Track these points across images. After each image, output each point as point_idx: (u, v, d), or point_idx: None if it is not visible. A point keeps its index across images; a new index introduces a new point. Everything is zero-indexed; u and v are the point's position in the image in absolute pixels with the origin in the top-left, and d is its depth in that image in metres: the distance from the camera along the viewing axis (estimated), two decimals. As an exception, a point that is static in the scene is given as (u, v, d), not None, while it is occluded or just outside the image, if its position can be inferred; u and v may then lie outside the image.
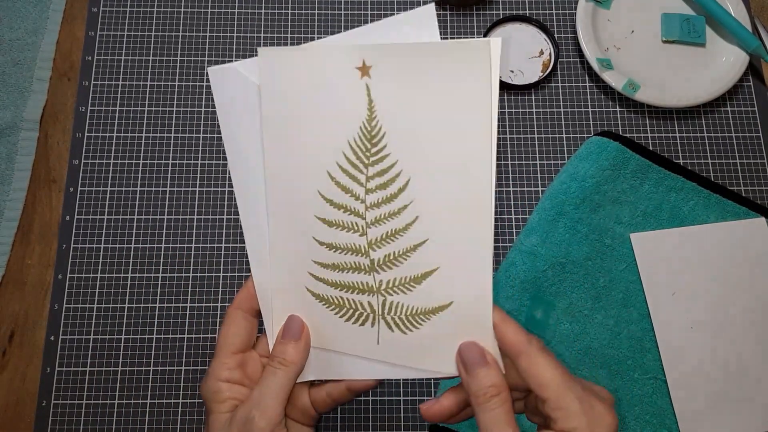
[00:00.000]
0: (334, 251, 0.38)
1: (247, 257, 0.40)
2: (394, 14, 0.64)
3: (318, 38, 0.64)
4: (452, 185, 0.36)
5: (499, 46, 0.35)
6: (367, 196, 0.37)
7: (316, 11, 0.65)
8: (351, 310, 0.38)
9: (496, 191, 0.48)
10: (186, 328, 0.55)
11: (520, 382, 0.36)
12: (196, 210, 0.58)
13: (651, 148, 0.60)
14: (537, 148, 0.61)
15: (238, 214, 0.41)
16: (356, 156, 0.37)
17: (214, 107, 0.61)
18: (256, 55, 0.38)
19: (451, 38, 0.64)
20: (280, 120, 0.38)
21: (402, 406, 0.53)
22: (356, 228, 0.38)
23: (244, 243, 0.51)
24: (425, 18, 0.37)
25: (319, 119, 0.37)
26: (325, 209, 0.38)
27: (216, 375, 0.38)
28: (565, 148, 0.61)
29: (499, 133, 0.60)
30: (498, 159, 0.60)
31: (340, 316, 0.38)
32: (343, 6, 0.65)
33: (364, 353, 0.38)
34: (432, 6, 0.37)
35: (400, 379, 0.54)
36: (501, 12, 0.65)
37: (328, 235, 0.38)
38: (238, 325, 0.39)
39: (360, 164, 0.37)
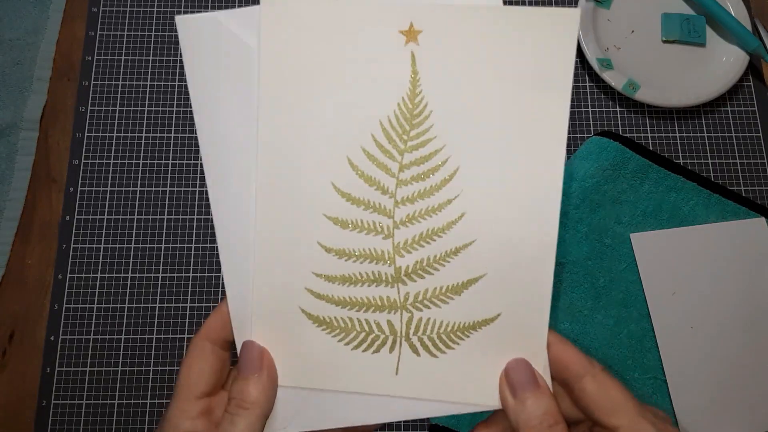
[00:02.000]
0: (346, 259, 0.31)
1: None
2: None
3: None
4: (513, 176, 0.30)
5: (579, 17, 0.30)
6: (398, 189, 0.31)
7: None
8: (363, 334, 0.31)
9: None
10: (186, 328, 0.55)
11: (571, 414, 0.31)
12: (196, 210, 0.58)
13: (651, 148, 0.60)
14: (537, 148, 0.60)
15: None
16: (389, 139, 0.31)
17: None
18: (256, 4, 0.30)
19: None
20: (285, 91, 0.31)
21: (402, 406, 0.53)
22: (380, 229, 0.31)
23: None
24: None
25: (341, 92, 0.31)
26: (340, 205, 0.31)
27: (174, 425, 0.30)
28: (565, 148, 0.60)
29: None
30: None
31: (346, 344, 0.31)
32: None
33: (377, 389, 0.31)
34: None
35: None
36: (501, 12, 0.65)
37: (339, 239, 0.31)
38: (205, 361, 0.31)
39: (393, 150, 0.31)
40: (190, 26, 0.31)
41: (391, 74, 0.31)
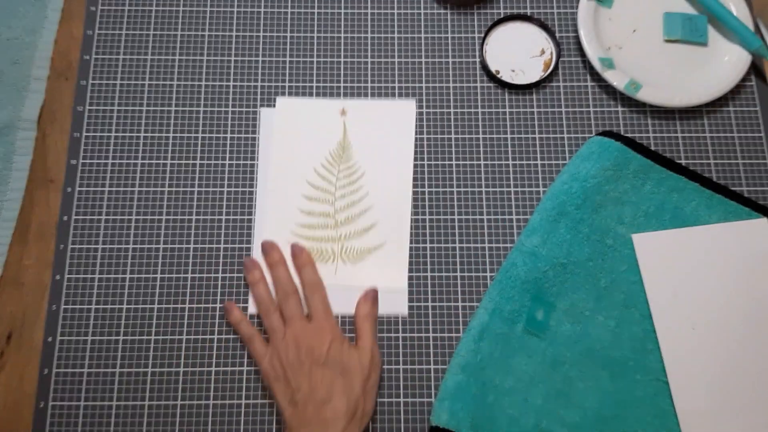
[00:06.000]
0: (312, 216, 0.59)
1: (242, 258, 0.56)
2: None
3: (314, 36, 0.64)
4: (389, 190, 0.59)
5: (415, 106, 0.61)
6: (337, 201, 0.59)
7: (315, 10, 0.64)
8: (320, 253, 0.58)
9: (495, 191, 0.59)
10: (185, 329, 0.55)
11: None
12: (194, 210, 0.58)
13: (653, 148, 0.60)
14: (538, 148, 0.60)
15: (237, 214, 0.59)
16: (332, 160, 0.60)
17: (213, 107, 0.62)
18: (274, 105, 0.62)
19: (452, 37, 0.64)
20: (285, 144, 0.61)
21: (402, 408, 0.53)
22: (329, 216, 0.59)
23: (242, 243, 0.58)
24: (407, 110, 0.61)
25: (310, 140, 0.61)
26: (307, 204, 0.59)
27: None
28: (567, 148, 0.60)
29: (500, 133, 0.61)
30: (499, 159, 0.60)
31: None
32: (342, 3, 0.65)
33: (327, 281, 0.57)
34: (413, 103, 0.61)
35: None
36: (502, 11, 0.64)
37: (308, 207, 0.59)
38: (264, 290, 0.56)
39: (331, 175, 0.60)
40: (265, 114, 0.62)
41: (333, 130, 0.61)
